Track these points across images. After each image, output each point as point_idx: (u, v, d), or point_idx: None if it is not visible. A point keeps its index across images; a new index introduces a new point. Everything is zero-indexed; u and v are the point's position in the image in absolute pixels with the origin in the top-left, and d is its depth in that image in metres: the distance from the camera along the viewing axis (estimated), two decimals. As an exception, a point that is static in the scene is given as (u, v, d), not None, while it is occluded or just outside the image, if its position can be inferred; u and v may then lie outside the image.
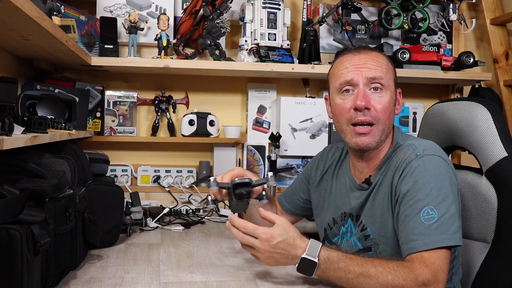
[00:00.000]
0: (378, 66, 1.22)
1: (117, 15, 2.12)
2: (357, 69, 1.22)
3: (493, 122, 1.32)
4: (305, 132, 2.24)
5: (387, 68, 1.24)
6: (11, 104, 1.11)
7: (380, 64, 1.23)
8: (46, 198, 1.04)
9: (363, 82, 1.21)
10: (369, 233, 1.25)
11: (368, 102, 1.20)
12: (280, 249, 1.11)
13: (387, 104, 1.22)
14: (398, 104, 1.29)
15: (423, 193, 1.11)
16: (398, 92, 1.29)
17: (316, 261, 1.08)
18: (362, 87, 1.21)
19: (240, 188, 1.25)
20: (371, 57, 1.24)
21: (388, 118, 1.23)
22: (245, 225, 1.14)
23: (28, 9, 1.07)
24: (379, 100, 1.21)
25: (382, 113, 1.21)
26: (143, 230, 1.75)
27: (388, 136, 1.27)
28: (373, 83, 1.22)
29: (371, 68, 1.22)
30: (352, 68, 1.23)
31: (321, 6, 2.25)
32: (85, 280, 1.20)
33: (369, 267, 1.05)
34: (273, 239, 1.11)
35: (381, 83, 1.22)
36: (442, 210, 1.09)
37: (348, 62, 1.25)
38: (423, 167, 1.14)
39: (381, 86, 1.22)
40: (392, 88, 1.25)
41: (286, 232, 1.12)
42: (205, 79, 2.30)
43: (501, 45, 2.36)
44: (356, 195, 1.29)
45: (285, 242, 1.11)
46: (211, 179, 1.26)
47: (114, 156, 2.19)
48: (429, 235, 1.07)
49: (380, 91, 1.22)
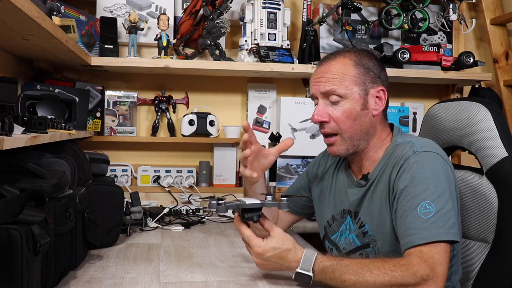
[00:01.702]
0: (331, 78, 1.24)
1: (117, 15, 2.12)
2: (316, 83, 1.28)
3: (493, 122, 1.32)
4: (305, 132, 2.24)
5: (343, 76, 1.23)
6: (11, 104, 1.11)
7: (334, 75, 1.24)
8: (46, 198, 1.04)
9: (320, 97, 1.27)
10: (367, 229, 1.25)
11: (323, 116, 1.25)
12: (273, 262, 1.13)
13: (347, 113, 1.23)
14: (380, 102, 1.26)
15: (421, 188, 1.12)
16: (379, 90, 1.26)
17: (311, 275, 1.09)
18: (320, 101, 1.27)
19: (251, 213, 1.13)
20: (328, 69, 1.26)
21: (351, 125, 1.24)
22: (242, 232, 1.16)
23: (28, 9, 1.07)
24: (337, 110, 1.24)
25: (342, 122, 1.24)
26: (143, 230, 1.75)
27: (378, 137, 1.28)
28: (329, 96, 1.25)
29: (324, 82, 1.25)
30: (313, 82, 1.29)
31: (321, 6, 2.25)
32: (85, 280, 1.20)
33: (365, 272, 1.05)
34: (265, 253, 1.12)
35: (337, 94, 1.23)
36: (439, 205, 1.10)
37: (313, 75, 1.31)
38: (420, 163, 1.15)
39: (337, 97, 1.24)
40: (356, 93, 1.23)
41: (280, 245, 1.11)
42: (205, 79, 2.30)
43: (501, 45, 2.36)
44: (353, 192, 1.30)
45: (277, 256, 1.12)
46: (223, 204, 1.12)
47: (114, 156, 2.19)
48: (427, 229, 1.07)
49: (338, 103, 1.24)
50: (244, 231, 1.15)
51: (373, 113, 1.26)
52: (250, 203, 1.13)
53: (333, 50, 2.29)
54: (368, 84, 1.25)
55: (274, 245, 1.11)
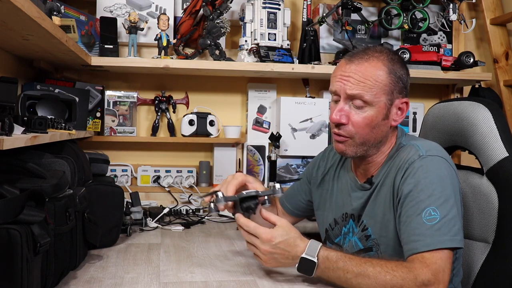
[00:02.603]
0: (362, 82, 1.17)
1: (117, 15, 2.11)
2: (342, 81, 1.20)
3: (494, 122, 1.31)
4: (305, 132, 2.24)
5: (378, 82, 1.17)
6: (11, 104, 1.11)
7: (365, 79, 1.17)
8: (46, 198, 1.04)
9: (343, 97, 1.20)
10: (370, 233, 1.25)
11: (342, 117, 1.19)
12: (281, 249, 1.13)
13: (368, 120, 1.18)
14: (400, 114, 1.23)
15: (426, 194, 1.11)
16: (401, 102, 1.22)
17: (315, 261, 1.10)
18: (342, 101, 1.20)
19: (248, 202, 1.23)
20: (361, 70, 1.18)
21: (368, 133, 1.20)
22: (247, 224, 1.17)
23: (28, 9, 1.07)
24: (358, 115, 1.19)
25: (360, 128, 1.19)
26: (143, 230, 1.74)
27: (386, 143, 1.26)
28: (354, 99, 1.19)
29: (353, 84, 1.17)
30: (339, 78, 1.21)
31: (321, 6, 2.25)
32: (85, 280, 1.20)
33: (367, 266, 1.06)
34: (274, 239, 1.13)
35: (364, 100, 1.17)
36: (444, 212, 1.09)
37: (339, 70, 1.22)
38: (425, 168, 1.14)
39: (362, 103, 1.18)
40: (382, 103, 1.19)
41: (287, 233, 1.14)
42: (205, 79, 2.30)
43: (501, 45, 2.36)
44: (358, 195, 1.29)
45: (286, 242, 1.13)
46: (219, 195, 1.23)
47: (114, 156, 2.19)
48: (431, 236, 1.07)
49: (362, 108, 1.18)
50: (249, 223, 1.16)
51: (392, 124, 1.23)
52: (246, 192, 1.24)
53: (333, 50, 2.32)
54: (395, 94, 1.20)
55: (282, 232, 1.14)
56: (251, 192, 1.24)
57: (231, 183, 1.30)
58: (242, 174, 1.35)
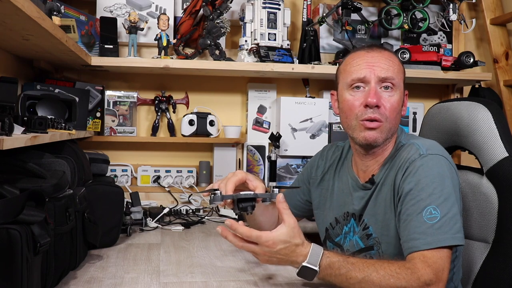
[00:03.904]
0: (390, 66, 1.23)
1: (117, 15, 2.11)
2: (370, 67, 1.23)
3: (494, 122, 1.31)
4: (305, 132, 2.24)
5: (399, 68, 1.25)
6: (11, 104, 1.11)
7: (393, 64, 1.24)
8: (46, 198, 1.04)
9: (375, 80, 1.22)
10: (371, 232, 1.25)
11: (379, 100, 1.21)
12: (281, 255, 1.09)
13: (396, 104, 1.22)
14: (404, 105, 1.29)
15: (426, 193, 1.11)
16: (405, 94, 1.30)
17: (317, 269, 1.07)
18: (373, 84, 1.22)
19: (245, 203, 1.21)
20: (384, 56, 1.24)
21: (395, 118, 1.24)
22: (249, 234, 1.10)
23: (28, 9, 1.07)
24: (389, 99, 1.22)
25: (391, 112, 1.22)
26: (143, 230, 1.75)
27: (393, 136, 1.27)
28: (385, 82, 1.22)
29: (383, 68, 1.22)
30: (364, 66, 1.23)
31: (321, 6, 2.25)
32: (85, 280, 1.20)
33: (371, 271, 1.04)
34: (275, 246, 1.08)
35: (393, 82, 1.22)
36: (445, 210, 1.09)
37: (361, 59, 1.25)
38: (426, 167, 1.14)
39: (392, 85, 1.22)
40: (402, 88, 1.26)
41: (290, 238, 1.09)
42: (205, 79, 2.30)
43: (501, 45, 2.36)
44: (360, 195, 1.29)
45: (286, 249, 1.09)
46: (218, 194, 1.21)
47: (114, 156, 2.19)
48: (431, 235, 1.07)
49: (391, 90, 1.23)
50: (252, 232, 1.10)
51: (402, 113, 1.28)
52: (244, 193, 1.21)
53: (333, 50, 2.32)
54: (404, 84, 1.28)
55: (284, 239, 1.08)
56: (249, 194, 1.21)
57: (230, 180, 1.29)
58: (242, 171, 1.34)
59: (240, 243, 1.12)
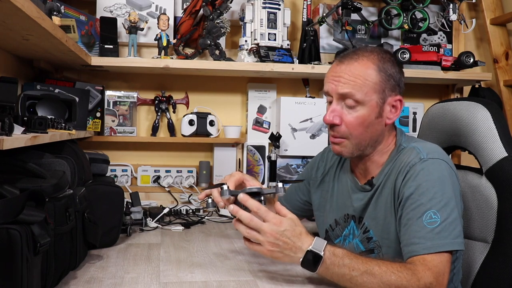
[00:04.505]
0: (352, 81, 1.18)
1: (117, 15, 2.11)
2: (333, 82, 1.22)
3: (493, 122, 1.32)
4: (305, 132, 2.24)
5: (365, 81, 1.18)
6: (11, 104, 1.11)
7: (355, 78, 1.18)
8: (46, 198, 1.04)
9: (336, 97, 1.21)
10: (371, 235, 1.25)
11: (335, 118, 1.21)
12: (286, 237, 1.09)
13: (361, 120, 1.19)
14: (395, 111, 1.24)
15: (427, 197, 1.11)
16: (396, 100, 1.23)
17: (322, 255, 1.07)
18: (335, 101, 1.22)
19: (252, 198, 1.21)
20: (350, 69, 1.19)
21: (362, 132, 1.21)
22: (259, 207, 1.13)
23: (28, 9, 1.07)
24: (351, 115, 1.20)
25: (354, 129, 1.20)
26: (143, 230, 1.75)
27: (383, 142, 1.26)
28: (346, 99, 1.19)
29: (344, 84, 1.19)
30: (330, 79, 1.23)
31: (321, 6, 2.25)
32: (85, 280, 1.20)
33: (374, 265, 1.05)
34: (282, 225, 1.09)
35: (355, 99, 1.18)
36: (445, 215, 1.09)
37: (331, 71, 1.24)
38: (427, 171, 1.14)
39: (354, 102, 1.19)
40: (373, 101, 1.19)
41: (295, 224, 1.12)
42: (205, 79, 2.30)
43: (501, 45, 2.36)
44: (359, 197, 1.29)
45: (293, 231, 1.10)
46: (225, 188, 1.23)
47: (114, 156, 2.19)
48: (431, 239, 1.07)
49: (354, 107, 1.19)
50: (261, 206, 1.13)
51: (386, 122, 1.23)
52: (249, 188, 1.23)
53: (333, 50, 2.32)
54: (387, 92, 1.21)
55: (290, 222, 1.11)
56: (253, 188, 1.22)
57: (229, 180, 1.30)
58: (239, 172, 1.35)
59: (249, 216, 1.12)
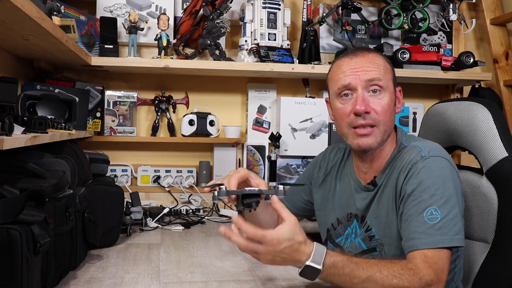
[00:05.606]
0: (375, 68, 1.22)
1: (117, 15, 2.12)
2: (354, 73, 1.22)
3: (493, 122, 1.31)
4: (305, 132, 2.24)
5: (385, 68, 1.24)
6: (11, 104, 1.12)
7: (378, 66, 1.23)
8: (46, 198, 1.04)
9: (361, 86, 1.21)
10: (374, 233, 1.25)
11: (367, 106, 1.20)
12: (284, 254, 1.07)
13: (386, 106, 1.22)
14: (398, 102, 1.29)
15: (428, 194, 1.12)
16: (398, 90, 1.29)
17: (320, 269, 1.06)
18: (360, 91, 1.21)
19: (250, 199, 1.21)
20: (368, 59, 1.23)
21: (389, 119, 1.23)
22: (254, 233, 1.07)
23: (28, 9, 1.07)
24: (378, 102, 1.21)
25: (382, 114, 1.21)
26: (143, 230, 1.75)
27: (390, 136, 1.27)
28: (372, 85, 1.21)
29: (368, 71, 1.21)
30: (349, 72, 1.23)
31: (321, 6, 2.25)
32: (85, 280, 1.20)
33: (375, 271, 1.04)
34: (279, 245, 1.06)
35: (380, 84, 1.21)
36: (445, 211, 1.10)
37: (346, 65, 1.24)
38: (428, 168, 1.15)
39: (379, 88, 1.21)
40: (391, 88, 1.25)
41: (293, 235, 1.07)
42: (205, 79, 2.30)
43: (501, 45, 2.36)
44: (362, 196, 1.29)
45: (291, 247, 1.07)
46: (222, 189, 1.21)
47: (114, 156, 2.19)
48: (431, 235, 1.08)
49: (379, 93, 1.22)
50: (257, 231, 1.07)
51: (396, 111, 1.28)
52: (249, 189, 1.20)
53: (333, 50, 2.32)
54: (395, 82, 1.28)
55: (288, 236, 1.06)
56: (253, 189, 1.20)
57: (233, 176, 1.28)
58: (245, 169, 1.34)
59: (244, 243, 1.08)
